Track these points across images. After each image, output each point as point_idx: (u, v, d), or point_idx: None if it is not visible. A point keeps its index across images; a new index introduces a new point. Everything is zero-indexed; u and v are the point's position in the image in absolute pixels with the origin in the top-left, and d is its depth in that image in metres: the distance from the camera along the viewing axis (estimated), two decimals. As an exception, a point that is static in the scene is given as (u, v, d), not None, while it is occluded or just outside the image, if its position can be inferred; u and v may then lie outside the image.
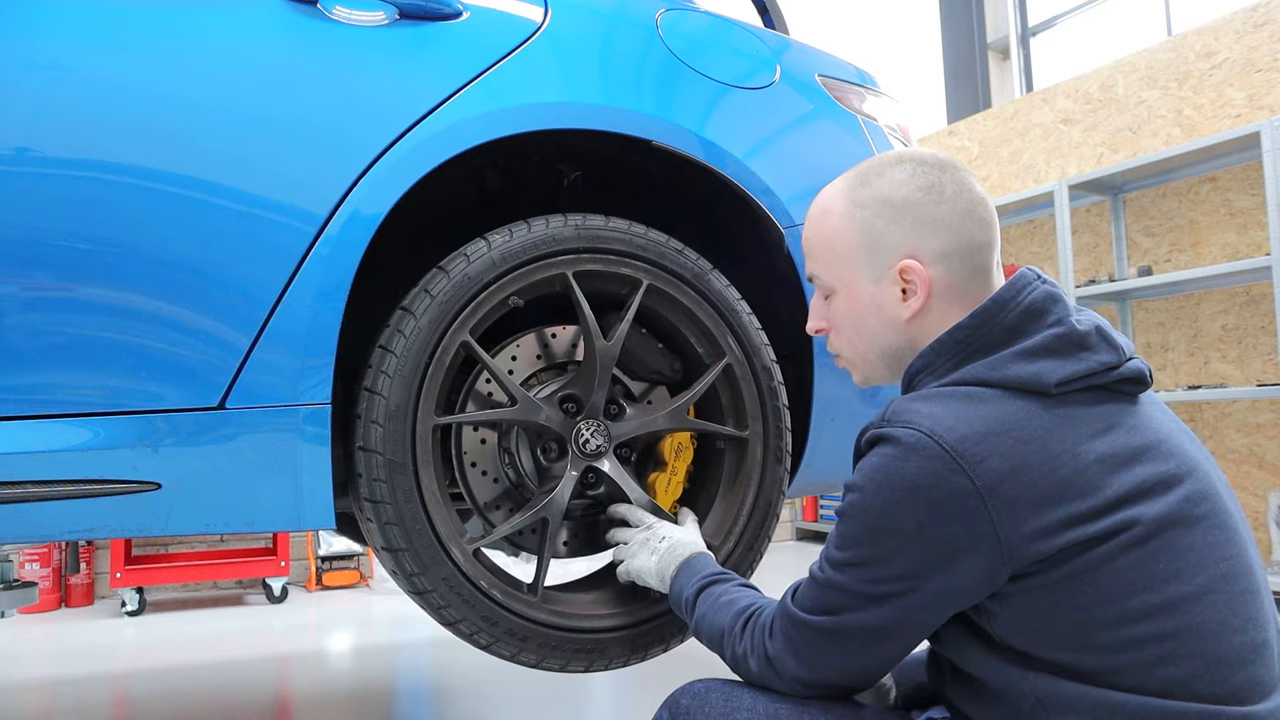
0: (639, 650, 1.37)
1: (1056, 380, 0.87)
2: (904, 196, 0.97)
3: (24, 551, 3.80)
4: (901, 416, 0.87)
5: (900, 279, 0.97)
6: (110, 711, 2.46)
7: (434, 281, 1.29)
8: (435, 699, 2.47)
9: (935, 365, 0.94)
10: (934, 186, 0.96)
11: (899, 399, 0.92)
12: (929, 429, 0.84)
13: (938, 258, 0.96)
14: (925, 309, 0.97)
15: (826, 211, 1.03)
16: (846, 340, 1.05)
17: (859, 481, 0.88)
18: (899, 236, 0.97)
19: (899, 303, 0.98)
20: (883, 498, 0.85)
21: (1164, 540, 0.83)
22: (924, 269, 0.96)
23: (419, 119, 1.28)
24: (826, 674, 0.92)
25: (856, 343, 1.04)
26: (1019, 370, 0.88)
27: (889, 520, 0.85)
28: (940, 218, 0.96)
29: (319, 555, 4.31)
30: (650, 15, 1.54)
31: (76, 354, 1.14)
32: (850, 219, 1.00)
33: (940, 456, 0.82)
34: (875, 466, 0.87)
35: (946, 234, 0.95)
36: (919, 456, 0.83)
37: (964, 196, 0.96)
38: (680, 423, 1.42)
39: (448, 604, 1.26)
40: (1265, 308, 3.64)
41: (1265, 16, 3.68)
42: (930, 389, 0.91)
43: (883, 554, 0.86)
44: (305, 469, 1.21)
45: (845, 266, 1.01)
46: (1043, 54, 6.41)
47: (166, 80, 1.20)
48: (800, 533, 5.64)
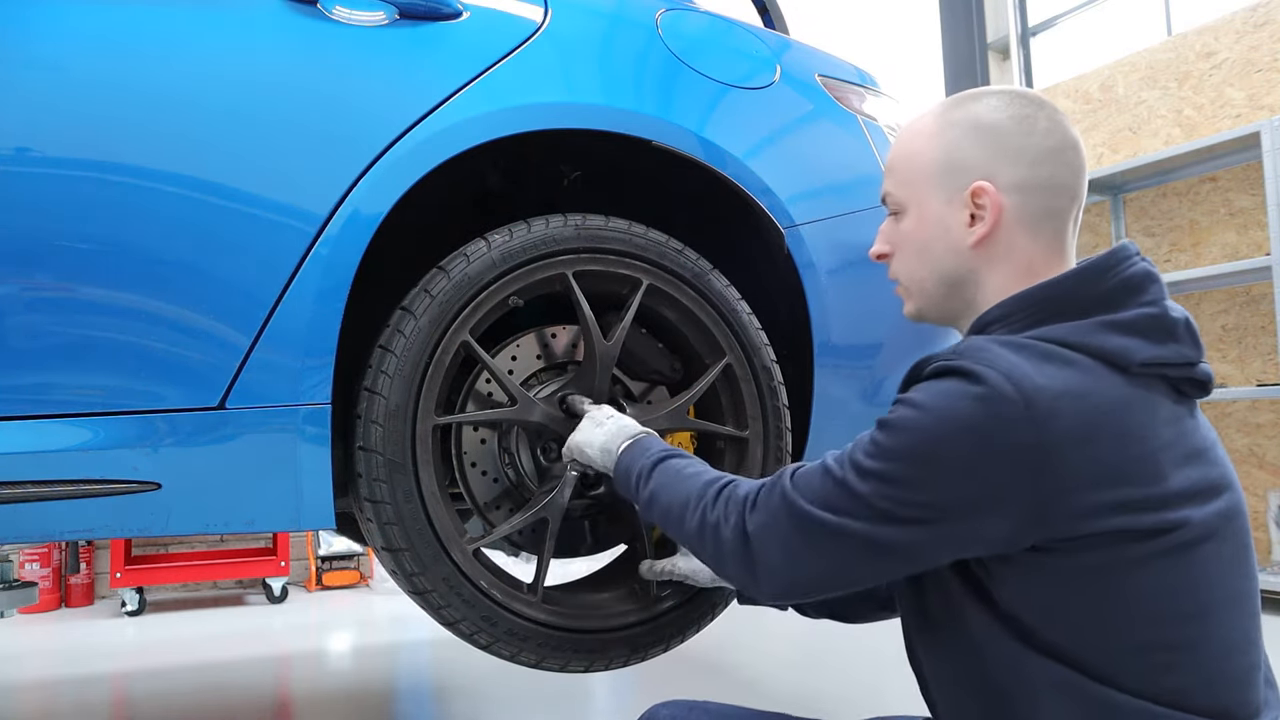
0: (639, 650, 1.37)
1: (1141, 360, 0.84)
2: (993, 121, 0.94)
3: (24, 551, 3.81)
4: (981, 355, 0.82)
5: (971, 202, 0.93)
6: (110, 711, 2.46)
7: (434, 281, 1.29)
8: (435, 699, 2.47)
9: (1013, 317, 0.90)
10: (1027, 118, 0.93)
11: (976, 338, 0.87)
12: (1007, 372, 0.79)
13: (1013, 188, 0.92)
14: (991, 238, 0.93)
15: (915, 130, 1.00)
16: (907, 264, 1.00)
17: (920, 400, 0.83)
18: (978, 158, 0.94)
19: (965, 227, 0.94)
20: (941, 425, 0.80)
21: (1201, 549, 0.81)
22: (997, 194, 0.92)
23: (419, 119, 1.28)
24: (803, 569, 0.88)
25: (917, 267, 0.99)
26: (1105, 340, 0.84)
27: (939, 449, 0.80)
28: (1025, 148, 0.92)
29: (319, 555, 4.31)
30: (650, 15, 1.54)
31: (77, 354, 1.14)
32: (936, 136, 0.97)
33: (1013, 403, 0.78)
34: (943, 392, 0.82)
35: (1028, 166, 0.92)
36: (992, 397, 0.79)
37: (1055, 135, 0.93)
38: (680, 422, 1.42)
39: (448, 604, 1.26)
40: (1265, 308, 3.64)
41: (1265, 16, 3.68)
42: (1009, 337, 0.86)
43: (918, 478, 0.81)
44: (305, 469, 1.21)
45: (920, 183, 0.98)
46: (1043, 54, 6.41)
47: (166, 80, 1.20)
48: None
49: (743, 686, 2.41)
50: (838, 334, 1.53)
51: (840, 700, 2.28)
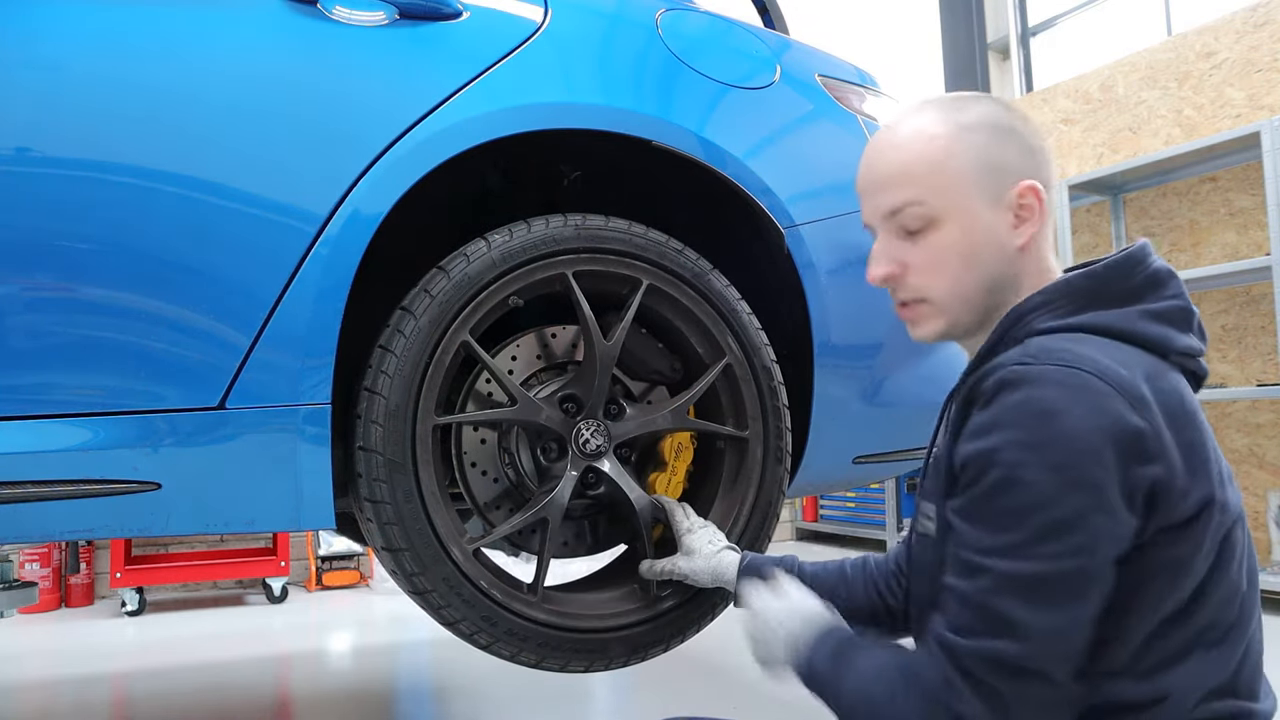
0: (639, 650, 1.37)
1: (1178, 347, 0.86)
2: (1009, 123, 0.93)
3: (24, 551, 3.80)
4: (1053, 355, 0.79)
5: (1017, 203, 0.91)
6: (110, 711, 2.46)
7: (434, 281, 1.29)
8: (435, 699, 2.47)
9: (1055, 305, 0.88)
10: (1025, 120, 0.94)
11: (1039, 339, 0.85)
12: (1092, 367, 0.77)
13: (1046, 184, 0.93)
14: (1034, 239, 0.92)
15: (928, 135, 0.93)
16: (946, 279, 0.93)
17: (1015, 437, 0.75)
18: (1015, 158, 0.92)
19: (1011, 230, 0.92)
20: (1064, 443, 0.74)
21: (1237, 530, 0.83)
22: (1040, 190, 0.91)
23: (419, 119, 1.28)
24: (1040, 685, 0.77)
25: (959, 278, 0.93)
26: (1148, 328, 0.86)
27: (1075, 470, 0.74)
28: (1037, 148, 0.93)
29: (319, 555, 4.31)
30: (650, 15, 1.54)
31: (77, 354, 1.14)
32: (961, 140, 0.92)
33: (1113, 395, 0.76)
34: (1034, 411, 0.76)
35: (1044, 165, 0.93)
36: (1091, 393, 0.76)
37: (1040, 136, 0.95)
38: (680, 422, 1.42)
39: (447, 604, 1.26)
40: (1265, 308, 3.64)
41: (1265, 16, 3.68)
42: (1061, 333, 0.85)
43: (1073, 512, 0.74)
44: (305, 469, 1.21)
45: (960, 190, 0.91)
46: (1043, 54, 6.41)
47: (166, 80, 1.20)
48: (800, 532, 5.64)
49: (744, 688, 2.41)
50: (838, 334, 1.53)
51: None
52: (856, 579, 1.25)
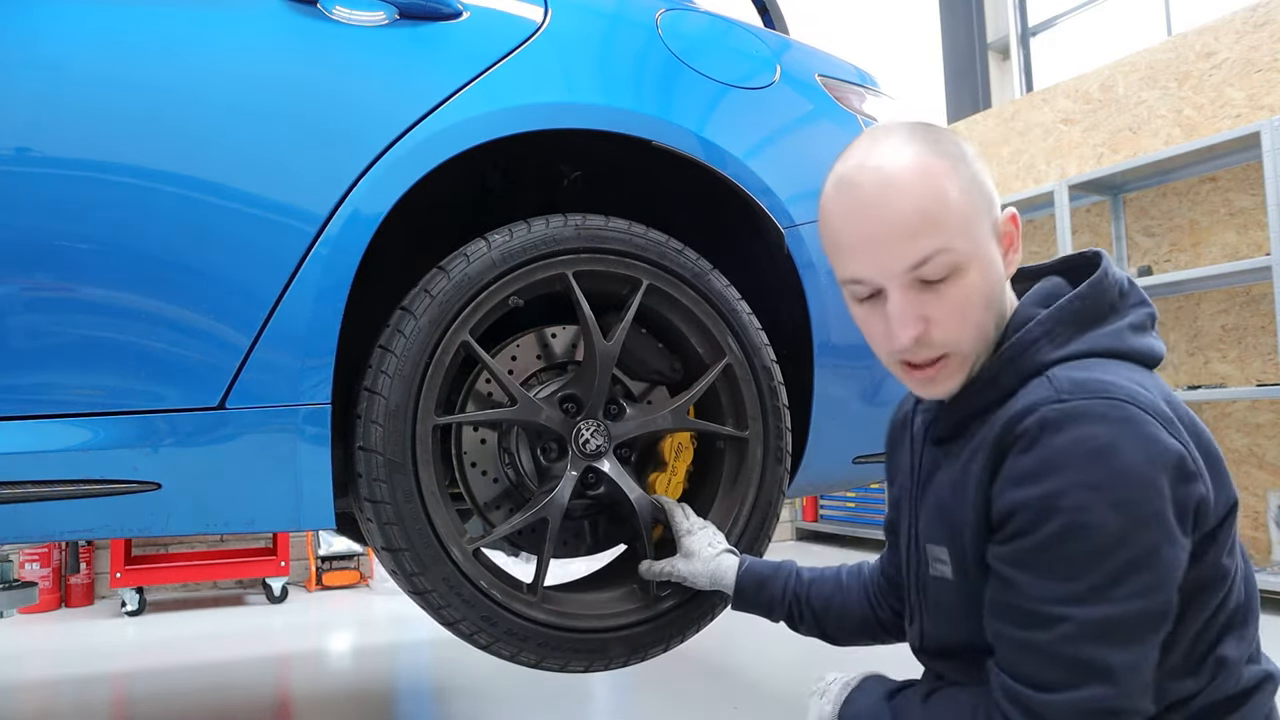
0: (639, 650, 1.37)
1: (1161, 355, 0.88)
2: (975, 151, 0.88)
3: (24, 551, 3.80)
4: (1087, 388, 0.78)
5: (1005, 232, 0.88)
6: (110, 711, 2.46)
7: (434, 281, 1.29)
8: (435, 699, 2.47)
9: (1056, 333, 0.86)
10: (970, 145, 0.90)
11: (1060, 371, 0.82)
12: (1128, 396, 0.76)
13: None
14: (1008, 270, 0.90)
15: (934, 172, 0.84)
16: (970, 327, 0.86)
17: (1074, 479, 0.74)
18: (990, 185, 0.88)
19: (1005, 257, 0.89)
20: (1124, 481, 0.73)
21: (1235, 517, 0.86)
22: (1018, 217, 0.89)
23: (419, 119, 1.28)
24: None
25: (984, 321, 0.87)
26: (1137, 342, 0.87)
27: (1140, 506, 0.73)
28: None
29: (319, 555, 4.31)
30: (650, 15, 1.54)
31: (77, 354, 1.14)
32: (962, 173, 0.85)
33: (1152, 422, 0.75)
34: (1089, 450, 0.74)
35: None
36: (1136, 424, 0.74)
37: None
38: (680, 423, 1.42)
39: (447, 604, 1.26)
40: (1265, 308, 3.64)
41: (1265, 16, 3.68)
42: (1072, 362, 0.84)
43: (1144, 550, 0.73)
44: (305, 469, 1.21)
45: (977, 229, 0.85)
46: (1043, 54, 6.41)
47: (166, 80, 1.20)
48: (800, 533, 5.64)
49: (745, 688, 2.41)
50: (838, 334, 1.53)
51: None
52: (852, 586, 1.25)
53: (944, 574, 0.93)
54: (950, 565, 0.91)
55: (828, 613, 1.25)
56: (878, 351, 0.92)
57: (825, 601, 1.25)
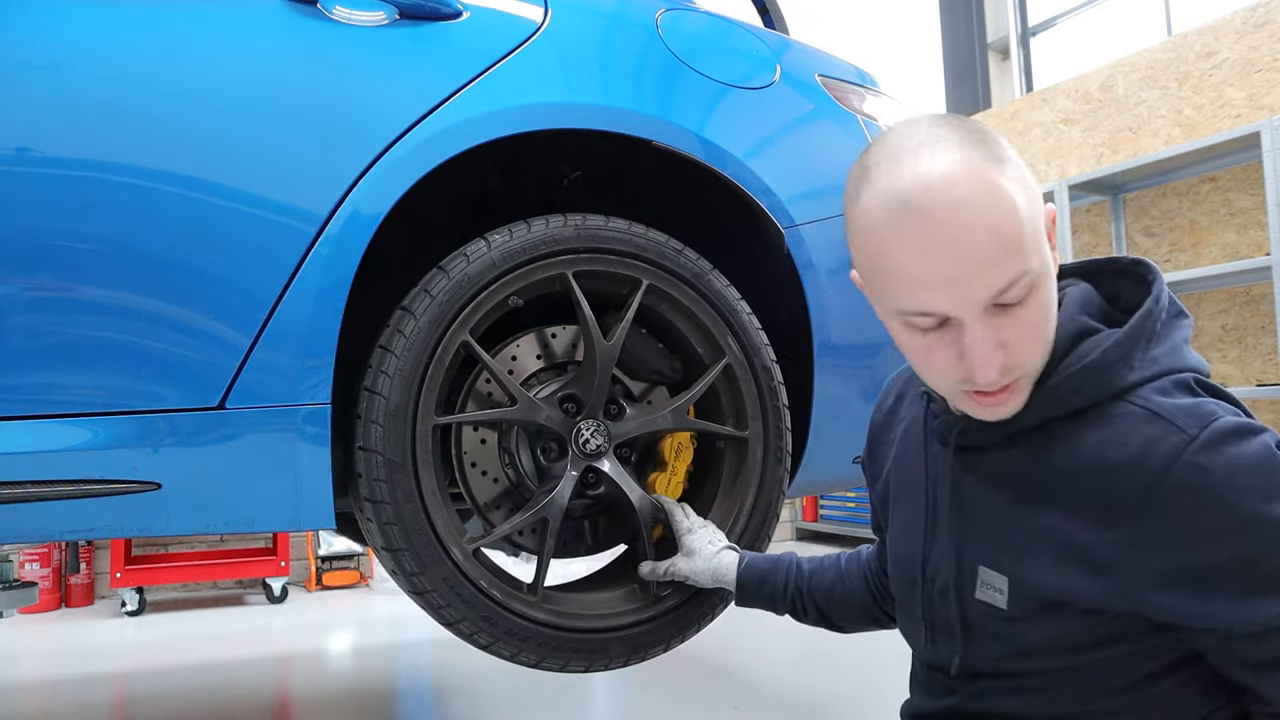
0: (639, 650, 1.37)
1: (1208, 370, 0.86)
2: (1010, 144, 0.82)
3: (24, 551, 3.80)
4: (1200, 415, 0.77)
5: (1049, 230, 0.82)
6: (110, 711, 2.46)
7: (434, 281, 1.29)
8: (435, 699, 2.47)
9: (1131, 356, 0.82)
10: None
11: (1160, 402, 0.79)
12: (1227, 410, 0.78)
13: None
14: None
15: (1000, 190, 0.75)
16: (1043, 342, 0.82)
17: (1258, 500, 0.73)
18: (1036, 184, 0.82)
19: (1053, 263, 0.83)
20: None
21: None
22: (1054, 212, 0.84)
23: (419, 119, 1.28)
24: None
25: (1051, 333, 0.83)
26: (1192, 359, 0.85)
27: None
28: None
29: (319, 555, 4.31)
30: (650, 15, 1.54)
31: (76, 354, 1.14)
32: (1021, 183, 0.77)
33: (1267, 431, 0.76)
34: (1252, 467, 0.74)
35: None
36: (1257, 428, 0.76)
37: None
38: (680, 422, 1.42)
39: (447, 604, 1.26)
40: (1265, 308, 3.64)
41: (1265, 16, 3.68)
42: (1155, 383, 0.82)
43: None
44: (305, 469, 1.21)
45: (1043, 241, 0.79)
46: (1043, 54, 6.41)
47: (166, 80, 1.20)
48: (800, 532, 5.64)
49: (745, 688, 2.41)
50: (838, 334, 1.53)
51: (843, 700, 2.28)
52: (852, 573, 1.25)
53: (995, 601, 0.88)
54: (1007, 595, 0.87)
55: (830, 603, 1.26)
56: (937, 381, 0.85)
57: (827, 592, 1.26)
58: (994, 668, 0.91)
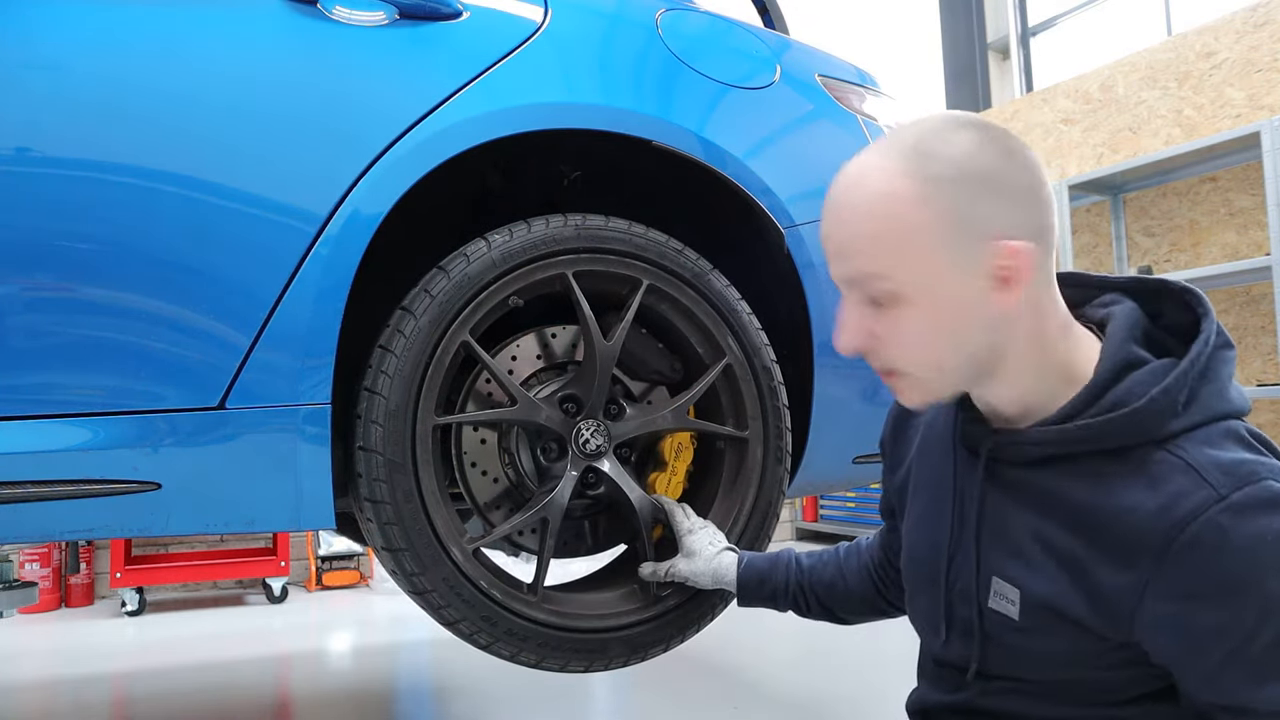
0: (639, 650, 1.37)
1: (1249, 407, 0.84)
2: (985, 165, 0.79)
3: (24, 551, 3.80)
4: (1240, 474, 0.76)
5: (997, 266, 0.79)
6: (110, 711, 2.46)
7: (434, 281, 1.29)
8: (435, 699, 2.47)
9: (1177, 403, 0.80)
10: (1011, 152, 0.81)
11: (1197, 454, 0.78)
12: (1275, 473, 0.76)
13: (1033, 234, 0.80)
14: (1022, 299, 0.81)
15: (887, 195, 0.81)
16: (924, 355, 0.84)
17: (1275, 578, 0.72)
18: (989, 213, 0.79)
19: (993, 295, 0.80)
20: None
21: None
22: (1027, 248, 0.79)
23: (419, 119, 1.28)
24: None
25: (944, 356, 0.84)
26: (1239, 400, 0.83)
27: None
28: (1025, 187, 0.80)
29: (319, 555, 4.31)
30: (650, 15, 1.54)
31: (76, 354, 1.14)
32: (926, 201, 0.79)
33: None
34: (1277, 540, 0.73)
35: (1034, 206, 0.81)
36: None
37: (1034, 161, 0.83)
38: (681, 422, 1.42)
39: (447, 604, 1.26)
40: (1265, 308, 3.64)
41: (1265, 16, 3.68)
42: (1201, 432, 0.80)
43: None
44: (305, 469, 1.21)
45: (927, 261, 0.80)
46: (1043, 54, 6.41)
47: (166, 80, 1.20)
48: (800, 533, 5.64)
49: (745, 688, 2.41)
50: (838, 334, 1.53)
51: (843, 700, 2.28)
52: (852, 565, 1.26)
53: (1008, 612, 0.88)
54: (1019, 608, 0.87)
55: (833, 597, 1.26)
56: None
57: (829, 587, 1.26)
58: (1006, 671, 0.92)
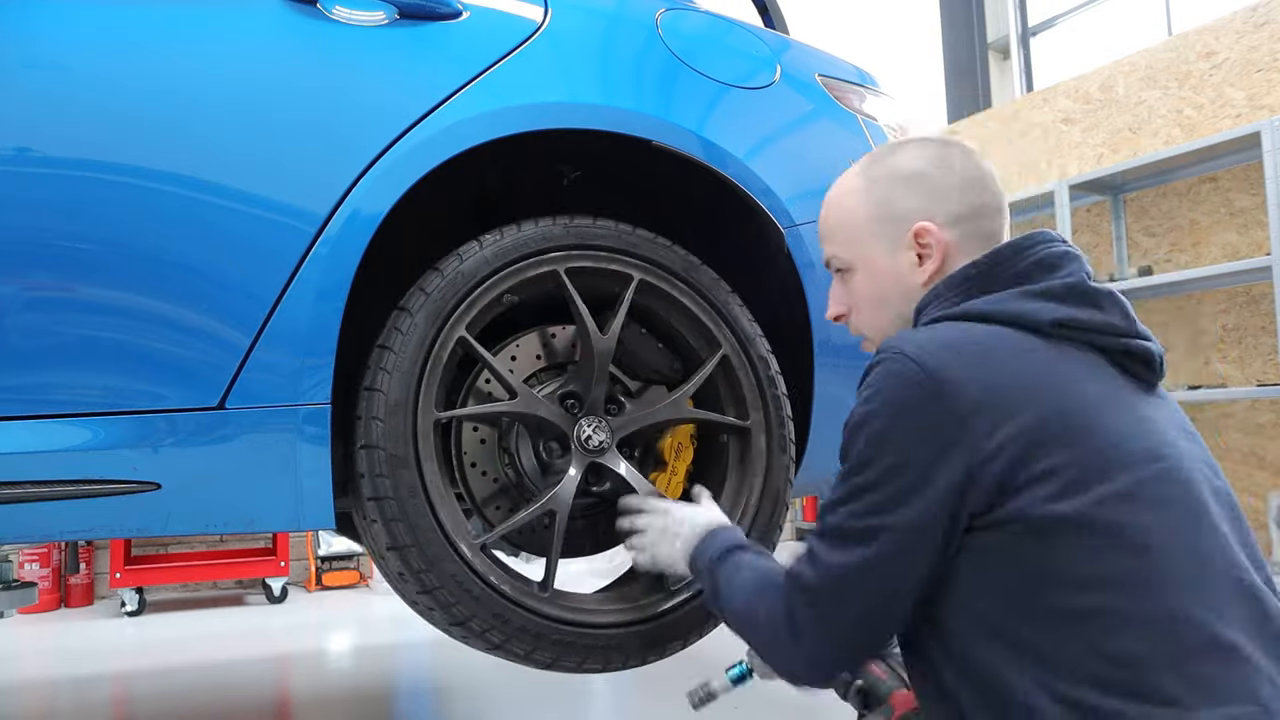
0: (656, 646, 1.35)
1: (1051, 319, 0.89)
2: (916, 168, 1.03)
3: (24, 551, 3.81)
4: (890, 344, 0.90)
5: (915, 243, 1.01)
6: (110, 711, 2.46)
7: (429, 280, 1.30)
8: (435, 699, 2.47)
9: (942, 297, 0.97)
10: (942, 159, 1.02)
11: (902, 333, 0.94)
12: (910, 352, 0.87)
13: (951, 222, 1.00)
14: (940, 272, 1.00)
15: (844, 191, 1.08)
16: (868, 317, 1.07)
17: (854, 414, 0.90)
18: (913, 204, 1.02)
19: (914, 268, 1.01)
20: (867, 426, 0.87)
21: (1124, 511, 0.81)
22: (939, 230, 1.00)
23: (419, 119, 1.28)
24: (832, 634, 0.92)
25: (878, 317, 1.06)
26: (1018, 306, 0.90)
27: (872, 447, 0.87)
28: (950, 185, 1.01)
29: (319, 555, 4.31)
30: (650, 15, 1.54)
31: (76, 354, 1.14)
32: (866, 194, 1.05)
33: (915, 372, 0.85)
34: (866, 397, 0.89)
35: (957, 200, 1.00)
36: (897, 378, 0.86)
37: (971, 167, 1.02)
38: (681, 413, 1.42)
39: (457, 600, 1.23)
40: (1265, 308, 3.64)
41: (1265, 16, 3.68)
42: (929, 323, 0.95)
43: (869, 481, 0.87)
44: (305, 469, 1.21)
45: (863, 241, 1.05)
46: (1043, 54, 6.41)
47: (166, 80, 1.20)
48: (800, 533, 5.64)
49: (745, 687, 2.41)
50: (838, 333, 1.53)
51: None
52: None
53: None
54: None
55: None
56: None
57: None
58: None
